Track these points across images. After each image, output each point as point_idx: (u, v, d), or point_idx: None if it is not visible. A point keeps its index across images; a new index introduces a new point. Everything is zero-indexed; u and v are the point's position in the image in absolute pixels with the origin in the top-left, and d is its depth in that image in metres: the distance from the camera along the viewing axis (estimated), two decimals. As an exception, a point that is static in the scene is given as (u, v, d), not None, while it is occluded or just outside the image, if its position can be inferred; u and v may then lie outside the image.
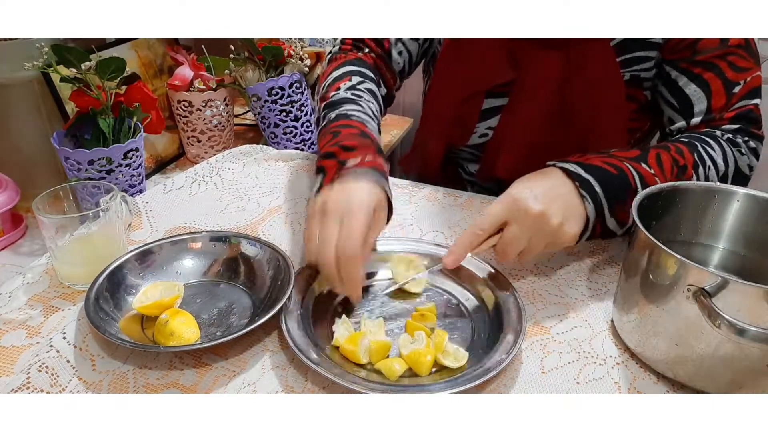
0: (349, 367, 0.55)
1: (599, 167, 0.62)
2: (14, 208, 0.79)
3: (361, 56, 0.87)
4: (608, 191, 0.61)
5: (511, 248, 0.59)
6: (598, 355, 0.58)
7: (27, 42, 0.79)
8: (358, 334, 0.56)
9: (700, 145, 0.70)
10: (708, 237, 0.62)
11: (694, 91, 0.75)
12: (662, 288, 0.51)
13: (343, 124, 0.70)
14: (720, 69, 0.73)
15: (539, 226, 0.58)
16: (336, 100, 0.75)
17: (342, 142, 0.65)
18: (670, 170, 0.65)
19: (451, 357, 0.55)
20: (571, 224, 0.59)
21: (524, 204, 0.57)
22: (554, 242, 0.60)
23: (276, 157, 0.97)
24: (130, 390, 0.53)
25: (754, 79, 0.74)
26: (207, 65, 1.05)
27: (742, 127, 0.74)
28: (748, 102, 0.74)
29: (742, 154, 0.73)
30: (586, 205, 0.61)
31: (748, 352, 0.48)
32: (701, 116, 0.75)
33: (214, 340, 0.54)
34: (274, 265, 0.64)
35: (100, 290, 0.59)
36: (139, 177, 0.86)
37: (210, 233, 0.68)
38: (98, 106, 0.81)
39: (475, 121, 0.87)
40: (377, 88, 0.83)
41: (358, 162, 0.63)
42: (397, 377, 0.54)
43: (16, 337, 0.58)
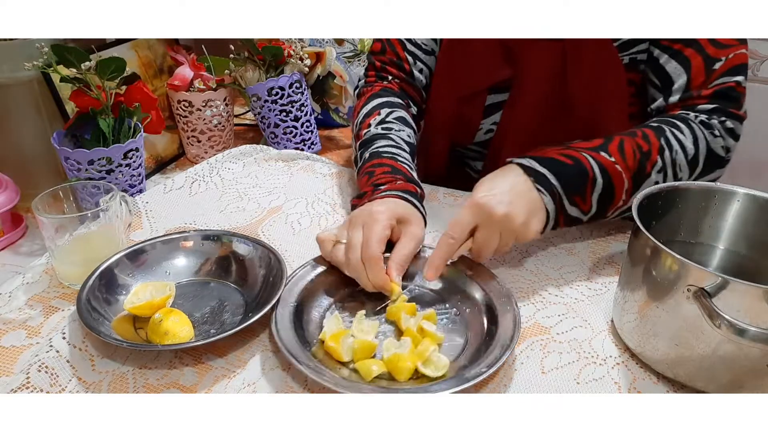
0: (331, 364, 0.55)
1: (554, 159, 0.65)
2: (14, 208, 0.79)
3: (386, 85, 0.89)
4: (564, 182, 0.64)
5: (485, 249, 0.63)
6: (598, 355, 0.58)
7: (27, 42, 0.79)
8: (342, 332, 0.56)
9: (668, 128, 0.69)
10: (708, 237, 0.62)
11: (674, 68, 0.74)
12: (662, 288, 0.51)
13: (376, 163, 0.74)
14: (700, 45, 0.72)
15: (505, 226, 0.61)
16: (368, 138, 0.79)
17: (376, 182, 0.71)
18: (632, 156, 0.66)
19: (432, 366, 0.54)
20: (534, 221, 0.62)
21: (488, 208, 0.60)
22: (522, 237, 0.63)
23: (276, 157, 0.97)
24: (130, 390, 0.53)
25: (738, 56, 0.72)
26: (207, 65, 1.05)
27: (719, 107, 0.72)
28: (730, 79, 0.72)
29: (716, 137, 0.71)
30: (543, 198, 0.63)
31: (748, 352, 0.48)
32: (679, 93, 0.74)
33: (209, 338, 0.54)
34: (266, 263, 0.64)
35: (92, 291, 0.59)
36: (139, 177, 0.86)
37: (201, 232, 0.69)
38: (98, 106, 0.81)
39: (480, 118, 0.87)
40: (407, 111, 0.86)
41: (387, 186, 0.69)
42: (372, 378, 0.53)
43: (15, 337, 0.58)
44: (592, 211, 0.66)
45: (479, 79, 0.84)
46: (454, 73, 0.86)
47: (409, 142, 0.80)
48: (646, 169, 0.66)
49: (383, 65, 0.91)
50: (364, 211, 0.64)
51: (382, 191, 0.68)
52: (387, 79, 0.90)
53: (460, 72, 0.85)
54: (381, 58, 0.91)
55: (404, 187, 0.69)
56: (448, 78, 0.87)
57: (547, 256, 0.72)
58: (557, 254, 0.73)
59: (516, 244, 0.65)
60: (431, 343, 0.55)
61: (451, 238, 0.61)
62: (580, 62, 0.78)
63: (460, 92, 0.86)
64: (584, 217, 0.67)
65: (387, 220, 0.63)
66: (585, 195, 0.65)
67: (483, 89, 0.85)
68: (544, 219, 0.63)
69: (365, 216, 0.63)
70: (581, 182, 0.64)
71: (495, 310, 0.60)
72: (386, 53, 0.90)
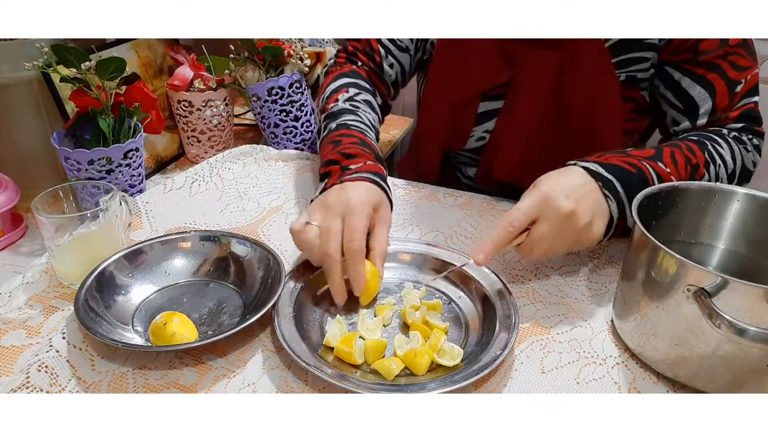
0: (344, 368, 0.55)
1: (619, 166, 0.63)
2: (14, 208, 0.79)
3: (355, 68, 0.90)
4: (629, 190, 0.62)
5: (539, 246, 0.60)
6: (598, 355, 0.58)
7: (27, 42, 0.79)
8: (352, 335, 0.56)
9: (709, 143, 0.71)
10: (708, 237, 0.62)
11: (699, 92, 0.76)
12: (662, 288, 0.51)
13: (344, 134, 0.74)
14: (722, 69, 0.74)
15: (569, 224, 0.58)
16: (335, 111, 0.79)
17: (344, 150, 0.70)
18: (684, 168, 0.66)
19: (447, 356, 0.55)
20: (598, 223, 0.60)
21: (555, 201, 0.57)
22: (579, 241, 0.60)
23: (276, 157, 0.97)
24: (130, 390, 0.53)
25: (754, 77, 0.75)
26: (207, 65, 1.05)
27: (746, 126, 0.75)
28: (749, 100, 0.75)
29: (748, 151, 0.74)
30: (609, 204, 0.61)
31: (748, 352, 0.48)
32: (707, 117, 0.76)
33: (207, 339, 0.54)
34: (264, 263, 0.64)
35: (90, 291, 0.59)
36: (139, 177, 0.86)
37: (200, 233, 0.68)
38: (98, 106, 0.81)
39: (471, 125, 0.87)
40: (373, 98, 0.86)
41: (359, 167, 0.67)
42: (395, 377, 0.54)
43: (15, 336, 0.58)
44: None
45: (476, 83, 0.84)
46: (451, 78, 0.86)
47: (374, 125, 0.81)
48: (695, 180, 0.67)
49: (355, 50, 0.92)
50: (340, 196, 0.63)
51: (353, 171, 0.67)
52: (356, 63, 0.91)
53: (457, 76, 0.85)
54: (354, 44, 0.92)
55: (374, 169, 0.68)
56: (443, 82, 0.87)
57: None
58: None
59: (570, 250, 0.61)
60: (440, 332, 0.56)
61: (512, 225, 0.58)
62: (578, 72, 0.78)
63: (455, 97, 0.86)
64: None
65: (366, 210, 0.62)
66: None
67: (478, 95, 0.85)
68: (606, 224, 0.61)
69: (343, 205, 0.62)
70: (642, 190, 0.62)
71: (489, 296, 0.60)
72: (360, 41, 0.91)
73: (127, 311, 0.61)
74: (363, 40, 0.91)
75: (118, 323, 0.58)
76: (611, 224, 0.62)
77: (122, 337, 0.56)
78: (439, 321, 0.60)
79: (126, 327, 0.58)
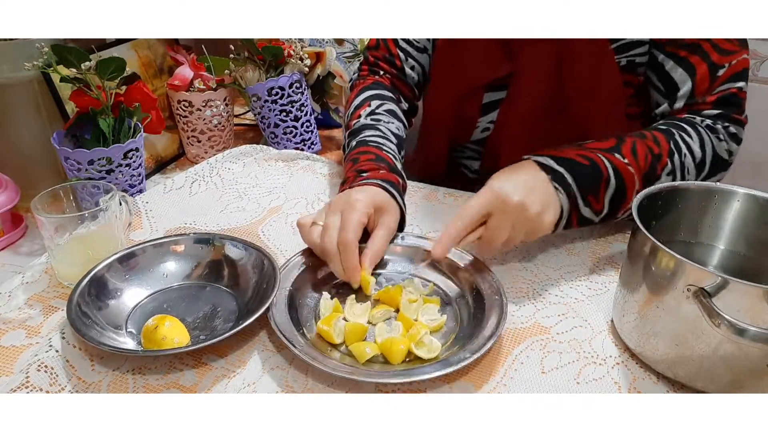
0: (324, 347, 0.56)
1: (571, 159, 0.65)
2: (14, 208, 0.79)
3: (378, 79, 0.91)
4: (580, 182, 0.64)
5: (496, 238, 0.62)
6: (598, 355, 0.58)
7: (27, 42, 0.79)
8: (334, 316, 0.58)
9: (677, 132, 0.70)
10: (708, 237, 0.62)
11: (680, 74, 0.75)
12: (662, 288, 0.51)
13: (361, 151, 0.76)
14: (705, 52, 0.73)
15: (520, 214, 0.61)
16: (357, 128, 0.81)
17: (359, 168, 0.73)
18: (644, 158, 0.67)
19: (425, 348, 0.56)
20: (548, 214, 0.62)
21: (504, 195, 0.60)
22: (533, 230, 0.63)
23: (276, 157, 0.97)
24: (130, 390, 0.53)
25: (740, 62, 0.73)
26: (207, 65, 1.05)
27: (723, 113, 0.74)
28: (732, 85, 0.73)
29: (720, 141, 0.72)
30: (559, 196, 0.63)
31: (748, 352, 0.48)
32: (684, 99, 0.75)
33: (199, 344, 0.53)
34: (258, 266, 0.64)
35: (83, 295, 0.59)
36: (139, 177, 0.86)
37: (195, 235, 0.68)
38: (98, 106, 0.81)
39: (477, 116, 0.88)
40: (397, 105, 0.88)
41: (370, 174, 0.71)
42: (366, 360, 0.55)
43: (15, 336, 0.58)
44: (604, 212, 0.67)
45: (478, 76, 0.84)
46: (452, 71, 0.86)
47: (396, 134, 0.82)
48: (656, 171, 0.67)
49: (376, 60, 0.93)
50: (343, 197, 0.66)
51: (363, 178, 0.70)
52: (379, 73, 0.92)
53: (459, 69, 0.85)
54: (375, 54, 0.93)
55: (385, 177, 0.70)
56: (446, 76, 0.87)
57: (547, 256, 0.72)
58: (557, 254, 0.73)
59: (526, 240, 0.65)
60: (423, 327, 0.57)
61: (463, 221, 0.61)
62: (577, 62, 0.78)
63: (458, 90, 0.86)
64: (596, 217, 0.67)
65: (365, 207, 0.64)
66: (598, 195, 0.65)
67: (481, 86, 0.85)
68: (557, 213, 0.63)
69: (344, 202, 0.65)
70: (596, 183, 0.65)
71: (483, 298, 0.61)
72: (380, 49, 0.93)
73: (121, 314, 0.60)
74: (382, 47, 0.92)
75: (110, 327, 0.58)
76: (563, 215, 0.64)
77: (115, 341, 0.55)
78: (437, 315, 0.60)
79: (119, 331, 0.58)
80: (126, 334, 0.58)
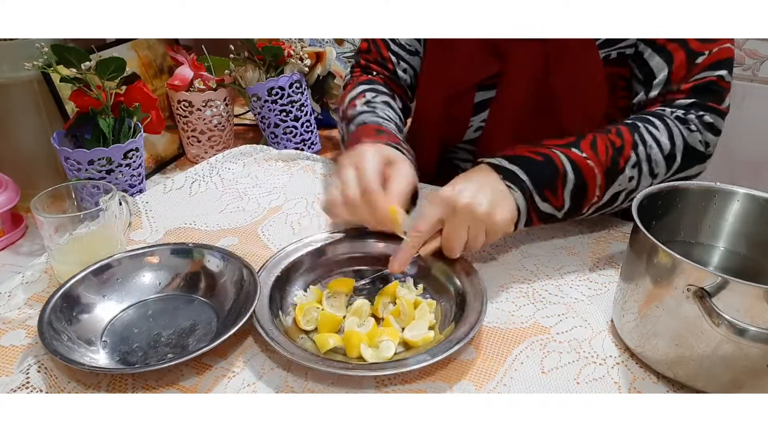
0: (295, 334, 0.58)
1: (525, 157, 0.66)
2: (14, 208, 0.79)
3: (371, 77, 0.91)
4: (534, 177, 0.64)
5: (455, 243, 0.62)
6: (598, 355, 0.58)
7: (27, 42, 0.79)
8: (309, 303, 0.60)
9: (642, 125, 0.70)
10: (708, 237, 0.62)
11: (657, 62, 0.74)
12: (662, 288, 0.51)
13: (361, 130, 0.76)
14: (684, 39, 0.72)
15: (470, 216, 0.61)
16: (354, 115, 0.81)
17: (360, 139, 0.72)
18: (605, 152, 0.67)
19: (373, 353, 0.56)
20: (500, 211, 0.62)
21: (452, 200, 0.61)
22: (490, 230, 0.63)
23: (276, 157, 0.97)
24: (129, 390, 0.53)
25: (723, 51, 0.71)
26: (207, 65, 1.05)
27: (698, 101, 0.72)
28: (712, 73, 0.71)
29: (692, 131, 0.71)
30: (513, 194, 0.63)
31: (748, 352, 0.48)
32: (659, 88, 0.74)
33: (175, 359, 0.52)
34: (238, 276, 0.62)
35: (55, 310, 0.57)
36: (139, 177, 0.86)
37: (170, 246, 0.66)
38: (98, 106, 0.81)
39: (469, 116, 0.88)
40: (393, 100, 0.88)
41: (371, 139, 0.71)
42: (326, 351, 0.56)
43: (15, 336, 0.58)
44: (565, 207, 0.66)
45: (467, 76, 0.84)
46: (441, 72, 0.86)
47: (393, 119, 0.82)
48: (619, 164, 0.67)
49: (368, 63, 0.93)
50: (350, 153, 0.66)
51: (364, 142, 0.69)
52: (372, 73, 0.92)
53: (447, 70, 0.86)
54: (366, 57, 0.93)
55: (386, 139, 0.71)
56: (434, 77, 0.87)
57: (547, 256, 0.72)
58: (557, 254, 0.73)
59: (493, 242, 0.65)
60: (385, 333, 0.57)
61: (417, 231, 0.62)
62: (563, 61, 0.78)
63: (447, 90, 0.86)
64: (558, 213, 0.67)
65: (376, 156, 0.64)
66: (556, 190, 0.65)
67: (471, 86, 0.85)
68: (512, 210, 0.63)
69: (353, 157, 0.65)
70: (551, 178, 0.65)
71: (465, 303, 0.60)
72: (371, 53, 0.93)
73: (96, 329, 0.58)
74: (374, 51, 0.92)
75: (83, 342, 0.56)
76: (520, 212, 0.64)
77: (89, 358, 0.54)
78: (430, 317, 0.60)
79: (93, 348, 0.56)
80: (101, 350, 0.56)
